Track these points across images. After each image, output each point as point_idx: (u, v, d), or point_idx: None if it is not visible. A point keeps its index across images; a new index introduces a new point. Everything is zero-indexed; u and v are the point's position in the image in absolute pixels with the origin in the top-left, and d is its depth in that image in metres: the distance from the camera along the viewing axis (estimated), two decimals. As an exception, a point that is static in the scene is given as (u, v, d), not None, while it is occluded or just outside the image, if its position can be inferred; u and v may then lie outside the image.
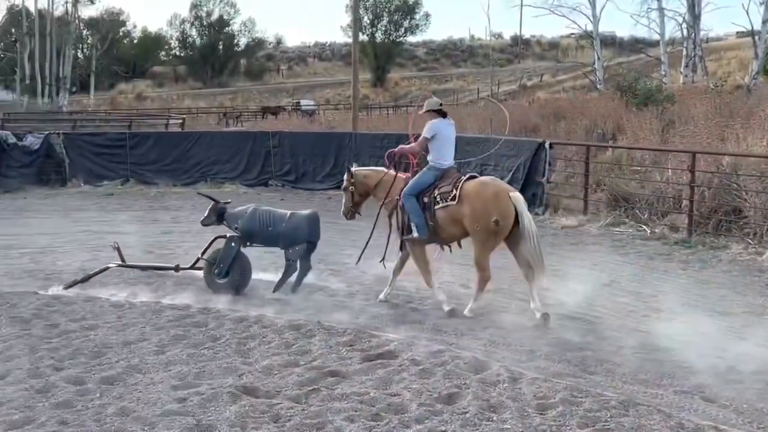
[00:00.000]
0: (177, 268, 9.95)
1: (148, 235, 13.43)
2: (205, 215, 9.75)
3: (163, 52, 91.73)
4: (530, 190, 16.39)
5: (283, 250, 9.42)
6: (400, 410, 5.55)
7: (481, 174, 16.29)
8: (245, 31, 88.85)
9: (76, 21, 61.10)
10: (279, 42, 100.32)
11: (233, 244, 9.32)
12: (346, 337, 7.36)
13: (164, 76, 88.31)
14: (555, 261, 11.46)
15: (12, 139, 20.89)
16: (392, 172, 8.98)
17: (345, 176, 9.33)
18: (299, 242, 9.31)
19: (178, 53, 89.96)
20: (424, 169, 8.69)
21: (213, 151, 21.73)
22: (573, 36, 65.03)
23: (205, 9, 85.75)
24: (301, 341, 7.26)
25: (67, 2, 59.11)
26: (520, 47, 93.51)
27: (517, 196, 8.33)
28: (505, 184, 8.85)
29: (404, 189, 8.58)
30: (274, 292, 9.23)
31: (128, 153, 21.49)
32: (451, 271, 10.18)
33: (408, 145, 9.05)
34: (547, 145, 16.43)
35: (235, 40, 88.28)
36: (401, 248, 8.89)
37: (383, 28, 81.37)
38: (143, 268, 10.25)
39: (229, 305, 8.64)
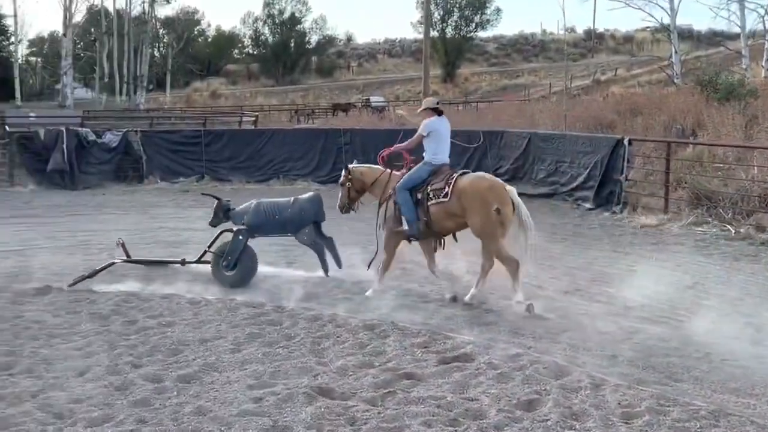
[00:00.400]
0: (183, 262, 10.19)
1: (215, 230, 13.50)
2: (212, 216, 10.12)
3: (236, 51, 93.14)
4: (607, 187, 16.01)
5: (293, 236, 9.89)
6: (478, 416, 5.40)
7: (557, 170, 15.99)
8: (316, 28, 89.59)
9: (153, 20, 62.60)
10: (349, 39, 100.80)
11: (241, 237, 9.63)
12: (421, 338, 7.24)
13: (237, 74, 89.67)
14: (634, 261, 11.18)
15: (92, 137, 21.44)
16: (388, 170, 9.31)
17: (343, 172, 9.65)
18: (306, 224, 9.76)
19: (251, 51, 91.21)
20: (420, 164, 8.89)
21: (285, 148, 21.89)
22: (648, 29, 63.39)
23: (277, 7, 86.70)
24: (375, 342, 7.17)
25: (144, 2, 60.66)
26: (593, 41, 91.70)
27: (512, 188, 8.57)
28: (498, 179, 8.98)
29: (398, 183, 8.85)
30: (327, 275, 9.73)
31: (203, 150, 21.82)
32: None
33: (403, 143, 9.32)
34: (626, 142, 15.98)
35: (307, 38, 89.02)
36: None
37: (453, 24, 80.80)
38: (149, 263, 10.44)
39: (302, 303, 8.63)
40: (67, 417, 5.34)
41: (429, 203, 8.60)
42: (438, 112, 8.99)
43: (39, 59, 77.46)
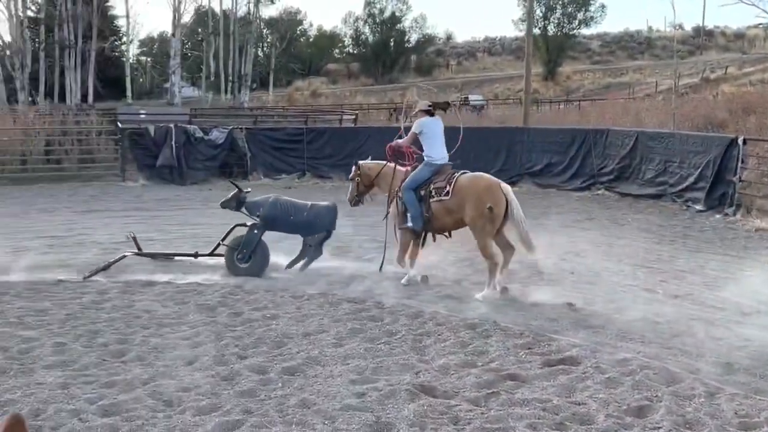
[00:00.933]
0: (196, 255, 10.40)
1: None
2: (227, 198, 10.34)
3: (337, 50, 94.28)
4: (720, 189, 15.38)
5: (303, 238, 10.16)
6: (586, 421, 5.24)
7: (665, 170, 15.49)
8: (416, 27, 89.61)
9: (257, 21, 63.93)
10: (449, 38, 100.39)
11: (256, 231, 9.97)
12: (524, 339, 7.10)
13: (338, 73, 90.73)
14: (748, 266, 10.69)
15: (199, 134, 22.10)
16: (391, 164, 9.89)
17: (353, 168, 10.33)
18: (319, 231, 10.11)
19: (351, 50, 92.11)
20: (420, 165, 9.46)
21: (385, 146, 21.91)
22: (761, 26, 60.57)
23: (378, 6, 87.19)
24: (477, 341, 7.07)
25: (249, 2, 62.00)
26: (702, 38, 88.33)
27: (506, 187, 9.10)
28: (495, 178, 9.36)
29: (404, 183, 9.40)
30: (286, 269, 10.04)
31: (305, 148, 22.14)
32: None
33: (401, 140, 9.89)
34: (740, 141, 15.29)
35: (406, 37, 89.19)
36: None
37: (556, 21, 79.28)
38: (161, 256, 10.67)
39: (402, 300, 8.61)
40: (176, 405, 5.46)
41: (431, 200, 9.18)
42: (430, 113, 9.66)
43: (149, 59, 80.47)
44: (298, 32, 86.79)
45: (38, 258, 10.50)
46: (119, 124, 23.72)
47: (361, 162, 10.35)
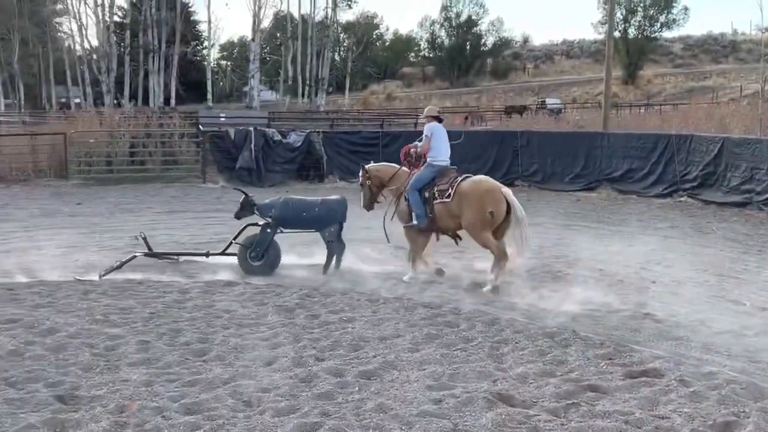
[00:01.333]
0: (208, 254, 10.63)
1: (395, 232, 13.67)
2: (239, 209, 10.68)
3: (412, 54, 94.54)
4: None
5: (318, 232, 10.50)
6: (670, 435, 5.08)
7: (752, 177, 15.05)
8: (493, 30, 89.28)
9: (335, 25, 64.58)
10: (526, 41, 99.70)
11: (269, 230, 10.30)
12: (605, 349, 6.93)
13: (413, 76, 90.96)
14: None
15: (277, 137, 22.45)
16: (398, 166, 10.42)
17: (360, 174, 10.68)
18: (333, 223, 10.42)
19: (426, 54, 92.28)
20: (423, 167, 9.95)
21: (461, 150, 21.75)
22: None
23: (454, 10, 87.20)
24: (556, 350, 6.94)
25: (327, 7, 62.71)
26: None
27: (507, 190, 9.52)
28: (496, 182, 9.80)
29: (409, 183, 9.93)
30: (324, 273, 10.19)
31: (380, 151, 22.21)
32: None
33: (418, 146, 10.31)
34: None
35: (483, 40, 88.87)
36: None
37: (637, 24, 77.65)
38: (171, 256, 11.00)
39: (478, 306, 8.54)
40: (255, 405, 5.54)
41: (434, 202, 9.68)
42: (438, 119, 10.41)
43: (229, 63, 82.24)
44: (375, 36, 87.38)
45: (122, 257, 10.79)
46: (200, 127, 24.32)
47: (368, 166, 10.68)
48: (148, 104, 52.25)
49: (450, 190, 9.54)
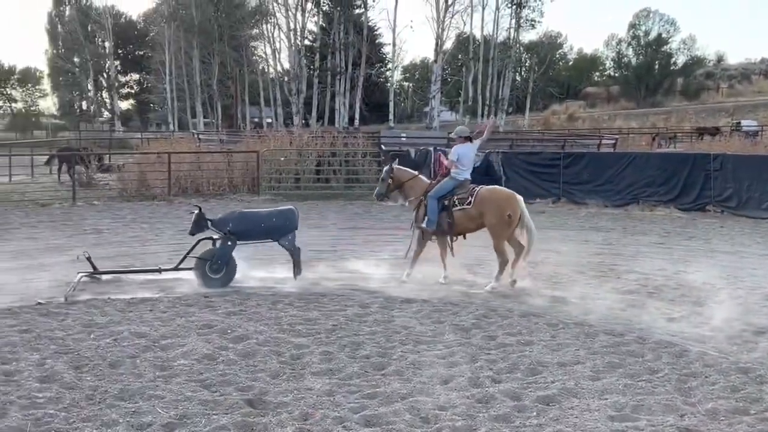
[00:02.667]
0: (160, 270, 10.82)
1: (579, 255, 13.38)
2: (193, 225, 10.69)
3: (597, 73, 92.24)
4: None
5: (275, 242, 10.81)
6: None
7: None
8: (684, 49, 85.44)
9: (517, 45, 64.29)
10: (720, 59, 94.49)
11: (230, 243, 10.48)
12: (805, 389, 6.40)
13: (596, 96, 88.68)
14: None
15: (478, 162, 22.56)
16: (420, 176, 11.54)
17: (386, 169, 11.63)
18: (290, 231, 10.77)
19: (612, 74, 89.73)
20: (446, 178, 10.99)
21: (647, 172, 21.02)
22: None
23: (643, 28, 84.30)
24: (750, 387, 6.50)
25: (510, 28, 62.59)
26: None
27: (520, 198, 10.71)
28: (510, 191, 11.03)
29: (430, 192, 10.92)
30: (296, 278, 10.63)
31: (561, 172, 21.82)
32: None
33: (446, 164, 11.29)
34: None
35: (673, 59, 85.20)
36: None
37: None
38: (119, 273, 11.00)
39: (665, 336, 8.15)
40: (432, 422, 5.58)
41: (454, 209, 10.72)
42: (469, 139, 11.13)
43: (410, 84, 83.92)
44: (558, 56, 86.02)
45: (306, 270, 11.24)
46: (382, 147, 24.94)
47: (395, 166, 11.67)
48: (334, 124, 54.33)
49: (470, 198, 10.63)
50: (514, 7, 60.98)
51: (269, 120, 60.44)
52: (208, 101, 64.28)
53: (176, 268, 10.79)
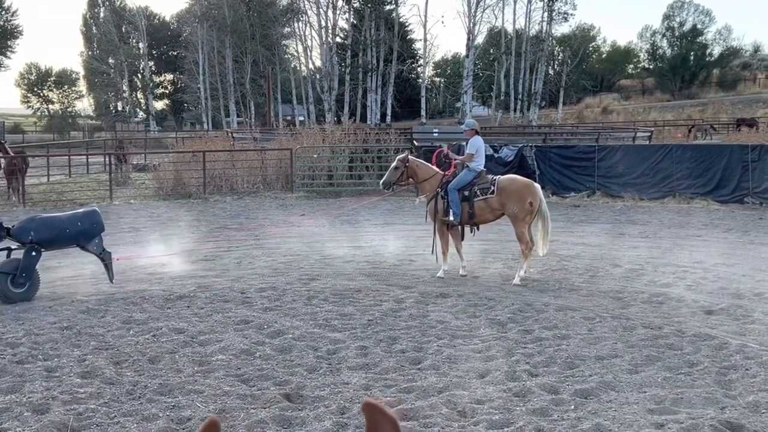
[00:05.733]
0: None
1: (615, 248, 13.26)
2: None
3: (631, 65, 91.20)
4: None
5: (82, 247, 10.09)
6: None
7: None
8: (719, 39, 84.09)
9: (550, 39, 63.75)
10: (757, 49, 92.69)
11: (35, 254, 9.52)
12: None
13: (631, 89, 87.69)
14: None
15: (489, 151, 22.46)
16: (440, 172, 11.33)
17: (399, 157, 11.52)
18: (97, 235, 10.08)
19: (646, 65, 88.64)
20: (465, 170, 11.05)
21: (683, 165, 20.72)
22: None
23: (677, 19, 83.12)
24: (793, 380, 6.39)
25: (542, 21, 62.05)
26: None
27: (537, 185, 11.01)
28: (528, 179, 11.28)
29: (450, 183, 10.97)
30: (112, 282, 10.08)
31: (596, 166, 21.62)
32: None
33: (461, 157, 11.61)
34: None
35: (708, 50, 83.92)
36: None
37: None
38: None
39: (703, 329, 8.04)
40: (469, 416, 5.58)
41: (476, 199, 10.85)
42: (478, 132, 11.46)
43: (442, 79, 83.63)
44: (591, 48, 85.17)
45: (341, 265, 11.26)
46: (415, 143, 24.91)
47: (410, 157, 11.64)
48: (366, 121, 54.33)
49: (492, 187, 10.79)
50: (546, 0, 60.44)
51: (301, 118, 60.68)
52: (241, 100, 64.68)
53: None
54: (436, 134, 32.68)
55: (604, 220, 17.42)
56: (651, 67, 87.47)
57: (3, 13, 75.57)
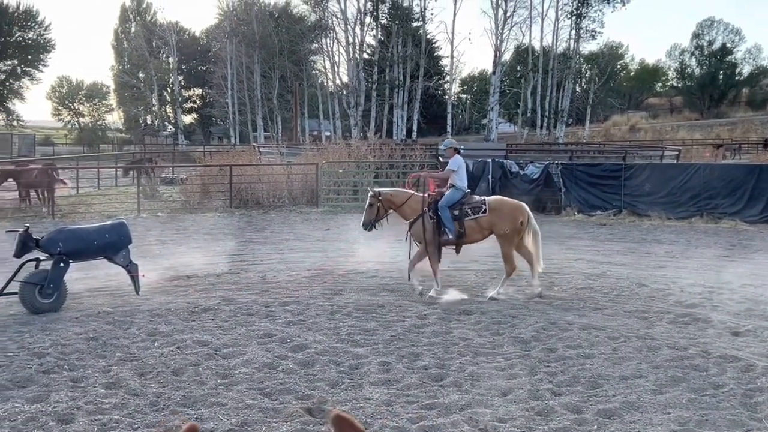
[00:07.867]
0: None
1: (641, 267, 13.17)
2: (20, 246, 9.72)
3: (659, 84, 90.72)
4: None
5: (109, 259, 10.21)
6: None
7: None
8: (749, 58, 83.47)
9: (577, 56, 63.63)
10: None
11: (62, 265, 9.65)
12: None
13: (659, 107, 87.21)
14: None
15: (515, 168, 22.48)
16: (416, 193, 11.34)
17: (370, 194, 11.28)
18: (124, 247, 10.23)
19: (675, 84, 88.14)
20: (452, 189, 11.07)
21: (712, 184, 20.54)
22: None
23: (707, 38, 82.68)
24: (821, 404, 6.29)
25: (570, 39, 61.97)
26: None
27: (526, 206, 11.08)
28: (517, 200, 11.40)
29: (440, 202, 10.95)
30: (138, 294, 10.25)
31: (623, 184, 21.49)
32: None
33: (438, 173, 12.18)
34: None
35: (738, 69, 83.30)
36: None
37: None
38: None
39: (729, 350, 7.95)
40: (491, 434, 5.56)
41: (466, 218, 10.85)
42: (458, 151, 11.44)
43: (468, 96, 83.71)
44: (619, 66, 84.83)
45: (364, 281, 11.28)
46: (440, 159, 24.90)
47: (378, 190, 11.50)
48: (392, 136, 54.51)
49: (484, 206, 10.83)
50: (574, 18, 60.34)
51: (328, 133, 60.98)
52: (269, 115, 65.18)
53: (1, 294, 9.68)
54: (462, 151, 32.63)
55: (631, 239, 17.29)
56: (679, 85, 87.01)
57: (36, 27, 76.95)
